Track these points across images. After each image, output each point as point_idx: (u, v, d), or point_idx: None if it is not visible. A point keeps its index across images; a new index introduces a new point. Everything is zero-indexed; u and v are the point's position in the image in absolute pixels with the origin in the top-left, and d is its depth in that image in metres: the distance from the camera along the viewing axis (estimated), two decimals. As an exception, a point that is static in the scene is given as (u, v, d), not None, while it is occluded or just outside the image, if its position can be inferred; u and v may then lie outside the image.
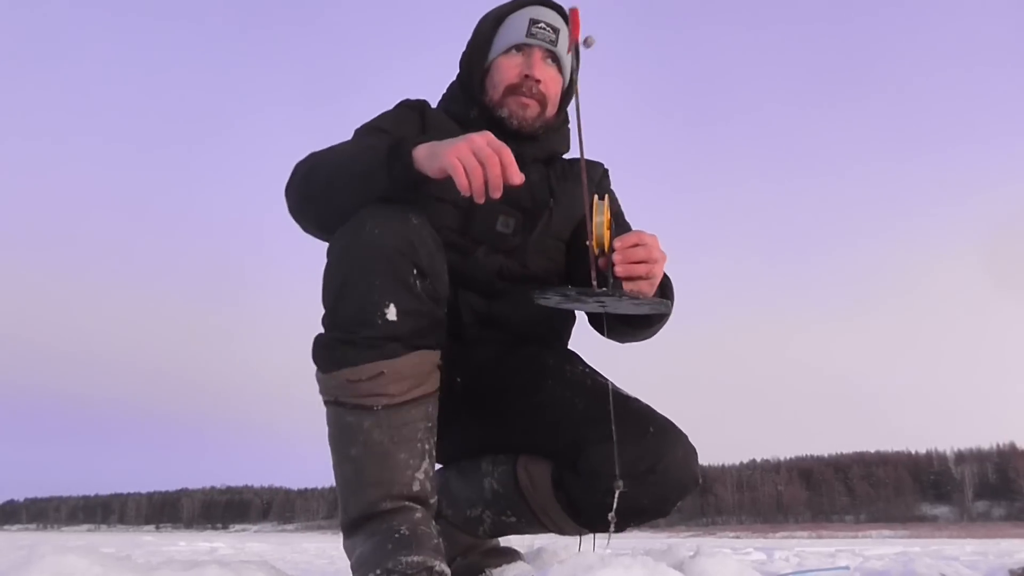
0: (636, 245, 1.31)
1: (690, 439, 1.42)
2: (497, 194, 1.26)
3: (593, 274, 1.31)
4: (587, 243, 1.31)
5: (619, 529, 1.39)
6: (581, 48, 1.40)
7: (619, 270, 1.30)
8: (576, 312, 1.70)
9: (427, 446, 1.31)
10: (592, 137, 1.38)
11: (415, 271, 1.28)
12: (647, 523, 1.47)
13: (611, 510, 1.34)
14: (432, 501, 1.31)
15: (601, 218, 1.29)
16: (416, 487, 1.28)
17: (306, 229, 1.44)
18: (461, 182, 1.24)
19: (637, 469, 1.36)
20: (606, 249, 1.30)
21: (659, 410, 1.48)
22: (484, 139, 1.27)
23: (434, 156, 1.28)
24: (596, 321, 1.61)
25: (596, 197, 1.30)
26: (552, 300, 1.31)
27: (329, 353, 1.31)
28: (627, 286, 1.31)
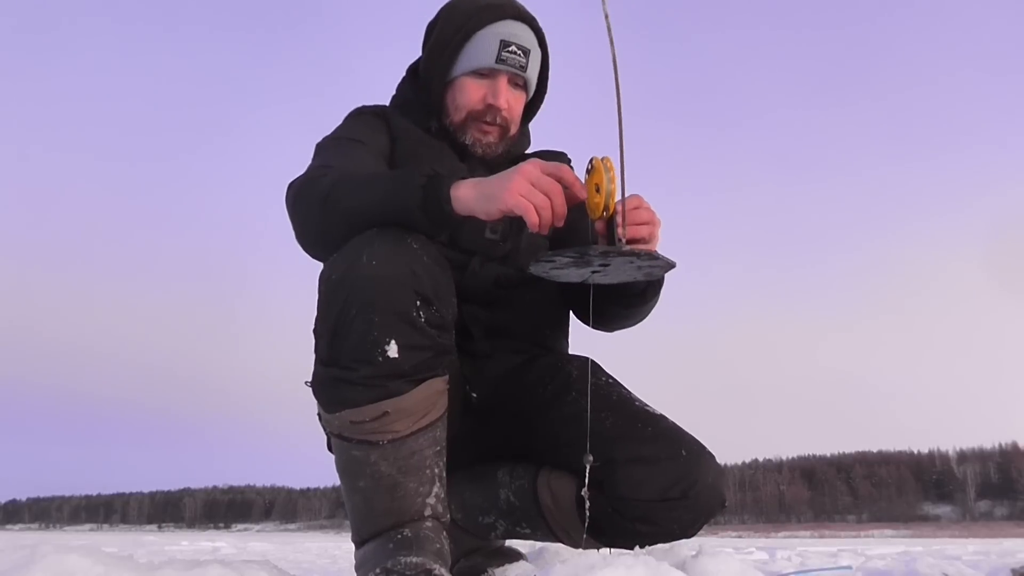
0: (639, 208, 1.27)
1: (716, 460, 1.39)
2: (562, 223, 1.21)
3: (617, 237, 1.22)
4: (591, 204, 1.23)
5: (643, 546, 1.36)
6: None
7: (623, 232, 1.23)
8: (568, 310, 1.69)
9: (437, 469, 1.28)
10: (598, 136, 1.36)
11: (419, 301, 1.21)
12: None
13: (584, 486, 1.31)
14: (445, 519, 1.29)
15: (610, 181, 1.20)
16: (428, 511, 1.26)
17: (316, 258, 1.35)
18: (533, 221, 1.17)
19: (670, 494, 1.33)
20: (610, 211, 1.21)
21: (654, 406, 1.47)
22: (537, 168, 1.21)
23: (490, 198, 1.20)
24: (582, 311, 1.57)
25: (601, 158, 1.21)
26: (552, 265, 1.23)
27: (330, 392, 1.25)
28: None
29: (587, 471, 1.32)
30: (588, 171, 1.24)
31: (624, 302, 1.48)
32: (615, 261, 1.21)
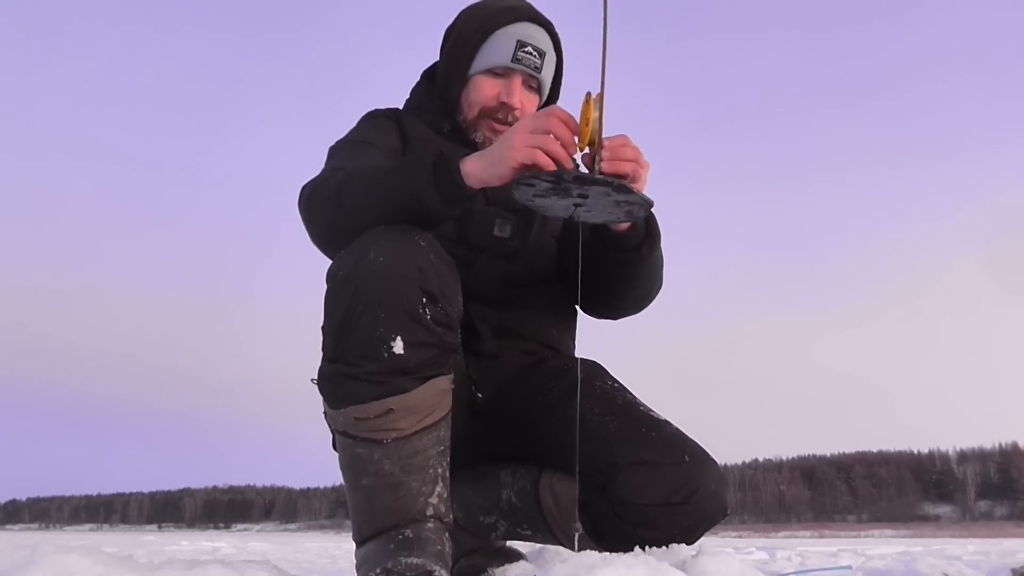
0: (624, 145, 1.26)
1: (719, 467, 1.38)
2: (574, 152, 1.24)
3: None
4: (580, 135, 1.24)
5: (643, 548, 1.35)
6: None
7: (606, 166, 1.22)
8: (576, 310, 1.69)
9: (440, 469, 1.28)
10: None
11: (424, 298, 1.22)
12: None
13: (574, 548, 1.29)
14: (447, 520, 1.29)
15: (597, 114, 1.21)
16: (430, 511, 1.26)
17: (333, 257, 1.34)
18: (545, 164, 1.21)
19: (672, 500, 1.32)
20: (596, 145, 1.23)
21: (658, 411, 1.46)
22: (530, 118, 1.25)
23: (498, 161, 1.24)
24: (587, 291, 1.55)
25: (591, 93, 1.22)
26: (534, 191, 1.23)
27: (335, 388, 1.26)
28: None
29: (576, 538, 1.31)
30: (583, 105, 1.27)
31: (621, 258, 1.46)
32: (593, 192, 1.22)
